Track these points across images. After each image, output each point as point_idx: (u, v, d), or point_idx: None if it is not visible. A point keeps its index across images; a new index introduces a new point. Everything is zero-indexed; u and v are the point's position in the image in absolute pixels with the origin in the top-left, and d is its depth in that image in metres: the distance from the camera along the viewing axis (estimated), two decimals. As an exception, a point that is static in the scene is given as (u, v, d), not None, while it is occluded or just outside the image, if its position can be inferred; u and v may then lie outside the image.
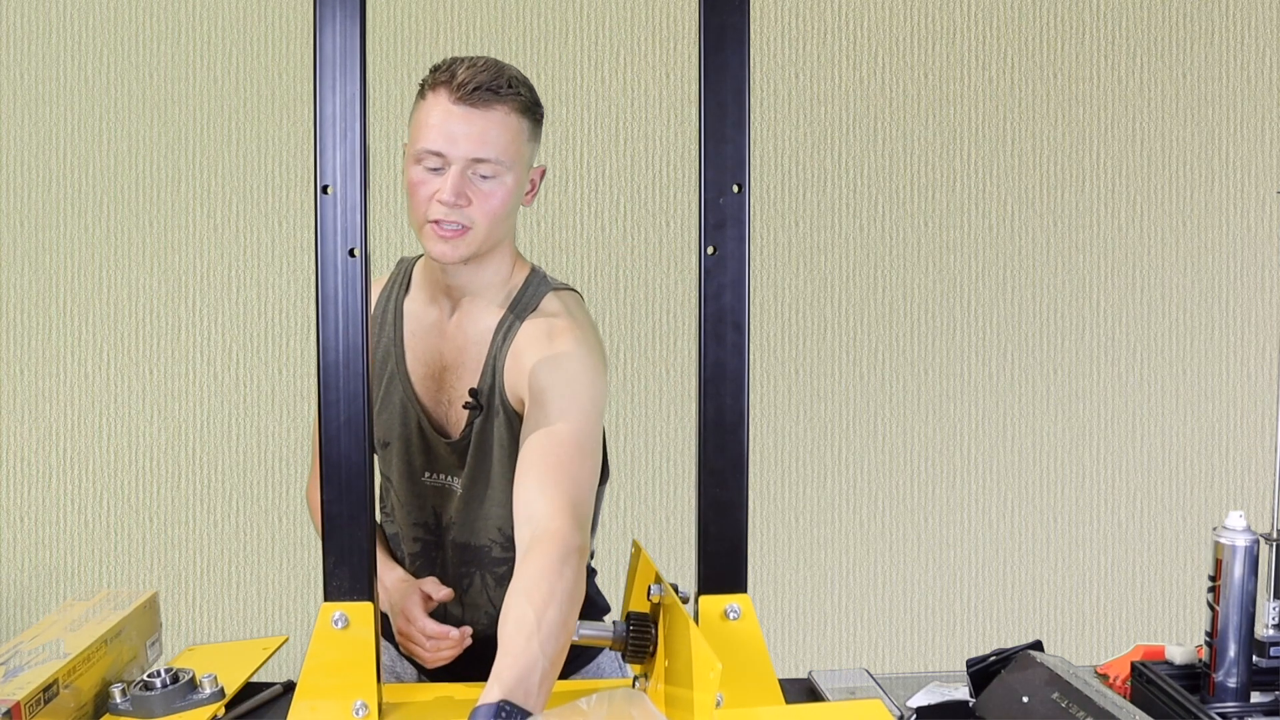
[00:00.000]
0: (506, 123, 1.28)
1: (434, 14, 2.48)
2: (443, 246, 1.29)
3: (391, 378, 1.42)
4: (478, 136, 1.26)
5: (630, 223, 2.53)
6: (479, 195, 1.28)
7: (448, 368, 1.39)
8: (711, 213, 1.15)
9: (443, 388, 1.40)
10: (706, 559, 1.18)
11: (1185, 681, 1.21)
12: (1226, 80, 2.60)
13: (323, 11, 1.09)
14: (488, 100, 1.26)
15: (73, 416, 2.49)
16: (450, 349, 1.39)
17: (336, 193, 1.10)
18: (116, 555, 2.52)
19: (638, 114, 2.52)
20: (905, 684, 1.29)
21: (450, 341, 1.39)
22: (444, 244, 1.29)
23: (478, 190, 1.28)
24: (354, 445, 1.12)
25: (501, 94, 1.27)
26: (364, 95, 1.10)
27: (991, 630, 2.64)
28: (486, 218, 1.29)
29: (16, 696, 1.07)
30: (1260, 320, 2.63)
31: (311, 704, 1.11)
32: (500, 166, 1.28)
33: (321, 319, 1.11)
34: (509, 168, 1.29)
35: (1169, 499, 2.65)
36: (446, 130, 1.26)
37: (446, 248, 1.29)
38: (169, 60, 2.47)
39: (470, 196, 1.27)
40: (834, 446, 2.59)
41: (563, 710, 1.09)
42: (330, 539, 1.12)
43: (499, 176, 1.28)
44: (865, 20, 2.55)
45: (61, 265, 2.48)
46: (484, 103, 1.26)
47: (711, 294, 1.16)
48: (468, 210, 1.28)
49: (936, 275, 2.58)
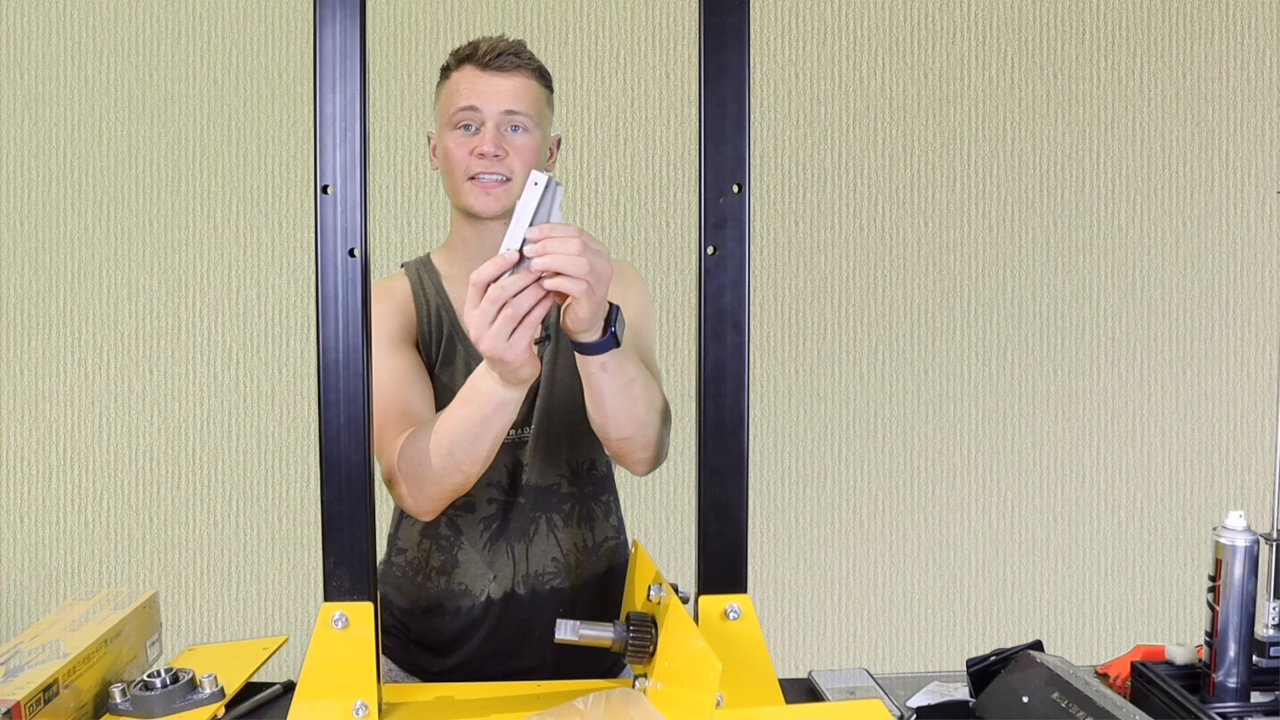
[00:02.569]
0: (529, 84, 1.40)
1: (434, 14, 2.48)
2: (485, 199, 1.38)
3: (449, 338, 1.44)
4: (507, 92, 1.37)
5: (630, 223, 2.53)
6: (514, 147, 1.38)
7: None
8: (711, 213, 1.15)
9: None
10: (706, 559, 1.18)
11: (1185, 681, 1.21)
12: (1226, 80, 2.60)
13: (323, 12, 1.09)
14: (512, 64, 1.38)
15: (73, 416, 2.49)
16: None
17: (337, 193, 1.10)
18: (116, 555, 2.52)
19: (638, 114, 2.52)
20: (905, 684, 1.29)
21: None
22: (486, 196, 1.38)
23: (512, 143, 1.38)
24: (354, 445, 1.11)
25: (522, 58, 1.39)
26: (364, 95, 1.09)
27: (991, 630, 2.64)
28: (524, 168, 1.38)
29: (16, 696, 1.07)
30: (1260, 320, 2.63)
31: (311, 704, 1.11)
32: (530, 120, 1.38)
33: (321, 319, 1.11)
34: (536, 123, 1.40)
35: (1169, 499, 2.65)
36: (478, 89, 1.37)
37: (490, 199, 1.38)
38: (169, 60, 2.47)
39: (507, 148, 1.37)
40: (834, 446, 2.59)
41: (560, 710, 1.09)
42: (330, 539, 1.12)
43: (530, 130, 1.39)
44: (865, 20, 2.55)
45: (61, 265, 2.48)
46: (510, 67, 1.38)
47: (711, 294, 1.16)
48: (506, 161, 1.37)
49: (937, 275, 2.58)
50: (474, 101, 1.36)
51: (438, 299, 1.46)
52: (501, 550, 1.44)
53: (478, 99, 1.36)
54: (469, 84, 1.37)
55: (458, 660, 1.48)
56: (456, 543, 1.47)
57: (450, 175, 1.40)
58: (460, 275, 1.47)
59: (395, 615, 1.53)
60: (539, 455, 1.44)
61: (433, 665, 1.50)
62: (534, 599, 1.45)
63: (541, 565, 1.45)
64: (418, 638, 1.51)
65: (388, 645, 1.54)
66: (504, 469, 1.45)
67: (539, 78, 1.42)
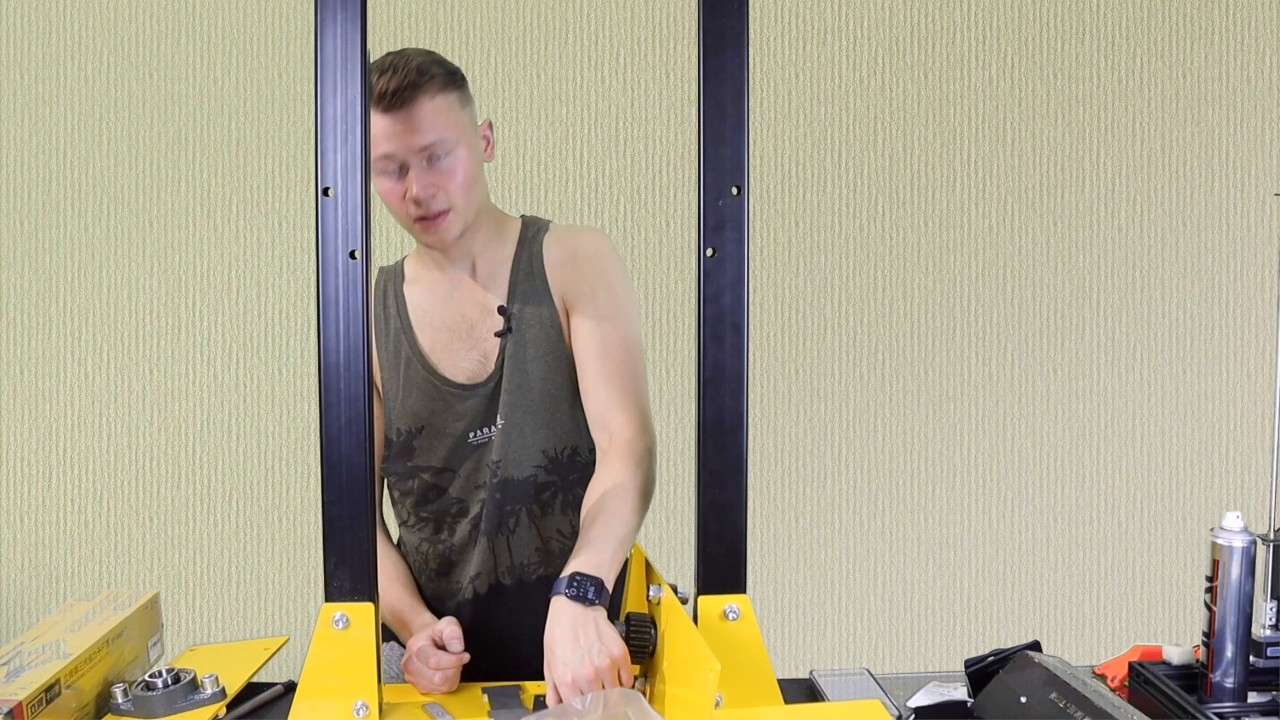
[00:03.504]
0: (435, 106, 1.33)
1: (434, 14, 2.48)
2: (433, 236, 1.38)
3: (409, 363, 1.45)
4: (418, 128, 1.32)
5: (630, 223, 2.53)
6: (443, 177, 1.35)
7: (475, 323, 1.44)
8: (711, 215, 1.15)
9: (474, 343, 1.44)
10: (706, 560, 1.18)
11: (1183, 682, 1.21)
12: (1226, 80, 2.60)
13: (324, 14, 1.09)
14: (409, 98, 1.32)
15: (73, 416, 2.50)
16: (473, 303, 1.45)
17: (337, 195, 1.11)
18: (117, 555, 2.52)
19: (638, 114, 2.52)
20: (905, 684, 1.30)
21: (471, 296, 1.45)
22: (435, 233, 1.38)
23: (440, 172, 1.35)
24: (355, 447, 1.12)
25: (419, 86, 1.32)
26: (365, 98, 1.10)
27: (990, 630, 2.65)
28: (461, 191, 1.36)
29: (18, 697, 1.07)
30: (1260, 320, 2.63)
31: (312, 704, 1.11)
32: (448, 143, 1.34)
33: (322, 321, 1.11)
34: (457, 140, 1.35)
35: (1168, 499, 2.65)
36: (387, 134, 1.32)
37: (437, 235, 1.38)
38: (169, 60, 2.47)
39: (436, 182, 1.35)
40: (834, 446, 2.60)
41: (559, 710, 1.09)
42: (331, 540, 1.12)
43: (452, 152, 1.35)
44: (865, 20, 2.55)
45: (61, 265, 2.48)
46: (408, 102, 1.32)
47: (711, 296, 1.16)
48: (440, 195, 1.35)
49: (936, 275, 2.59)
50: (387, 149, 1.32)
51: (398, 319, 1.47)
52: (484, 545, 1.45)
53: (390, 145, 1.32)
54: (378, 129, 1.32)
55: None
56: (447, 542, 1.48)
57: (396, 216, 1.39)
58: (425, 280, 1.48)
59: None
60: (511, 449, 1.43)
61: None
62: (521, 590, 1.45)
63: (525, 556, 1.45)
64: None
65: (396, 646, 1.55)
66: (483, 467, 1.45)
67: (444, 88, 1.35)
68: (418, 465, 1.47)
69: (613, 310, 1.41)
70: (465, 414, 1.43)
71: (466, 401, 1.43)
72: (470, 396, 1.43)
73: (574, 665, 1.11)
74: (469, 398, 1.43)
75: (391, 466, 1.49)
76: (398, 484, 1.50)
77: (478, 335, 1.44)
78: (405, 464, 1.47)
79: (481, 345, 1.44)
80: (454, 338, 1.45)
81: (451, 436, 1.44)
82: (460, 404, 1.43)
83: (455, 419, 1.44)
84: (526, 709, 1.21)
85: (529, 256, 1.45)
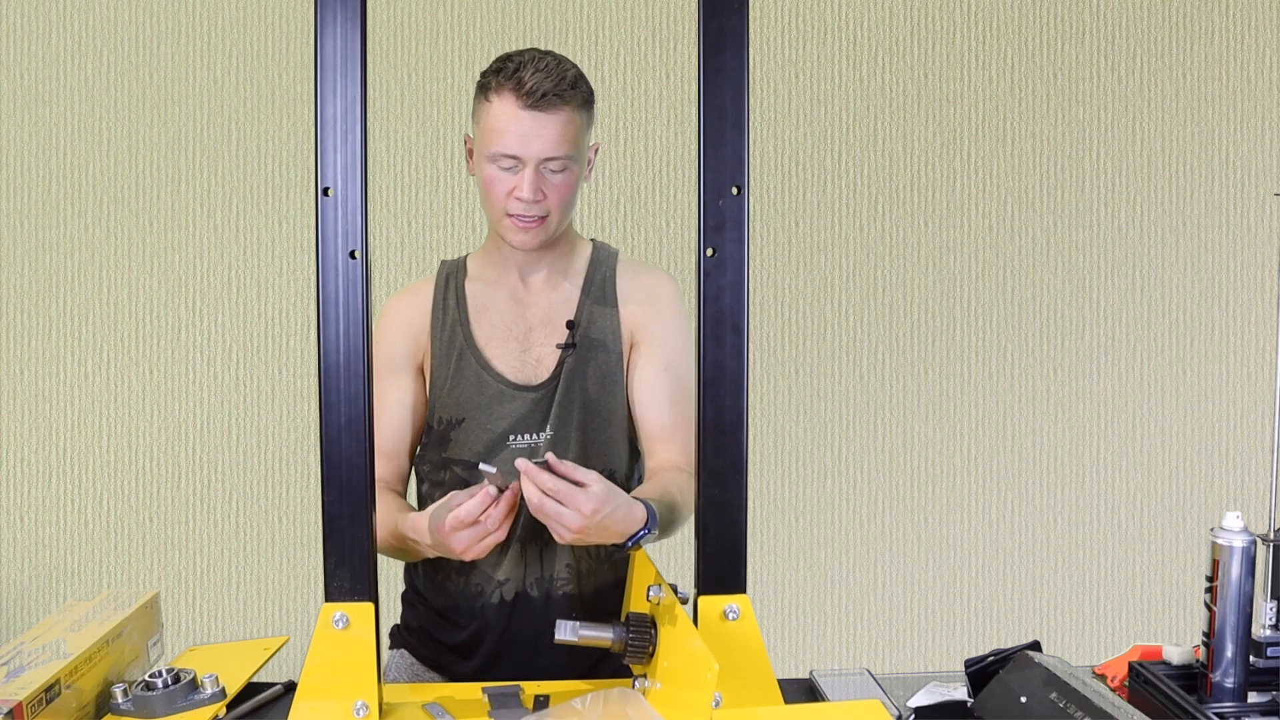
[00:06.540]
0: (572, 121, 1.37)
1: (434, 14, 2.48)
2: (523, 236, 1.42)
3: (461, 354, 1.47)
4: (548, 138, 1.36)
5: (630, 223, 2.53)
6: (552, 188, 1.39)
7: (533, 327, 1.47)
8: (711, 215, 1.15)
9: (529, 346, 1.47)
10: (706, 560, 1.18)
11: (1182, 682, 1.21)
12: (1226, 80, 2.60)
13: (324, 14, 1.09)
14: (554, 104, 1.35)
15: (73, 416, 2.50)
16: (536, 310, 1.48)
17: (337, 195, 1.11)
18: (117, 555, 2.52)
19: (638, 114, 2.52)
20: (905, 684, 1.30)
21: (535, 303, 1.48)
22: (524, 234, 1.41)
23: (550, 184, 1.39)
24: (355, 446, 1.12)
25: (565, 96, 1.36)
26: (365, 98, 1.10)
27: (990, 630, 2.65)
28: (560, 206, 1.41)
29: (19, 697, 1.07)
30: (1260, 320, 2.63)
31: (312, 704, 1.11)
32: (569, 160, 1.39)
33: (322, 321, 1.11)
34: (576, 160, 1.40)
35: (1168, 499, 2.65)
36: (518, 134, 1.35)
37: (526, 237, 1.42)
38: (169, 60, 2.47)
39: (545, 191, 1.39)
40: (834, 446, 2.60)
41: (558, 709, 1.09)
42: (331, 539, 1.12)
43: (568, 169, 1.40)
44: (865, 20, 2.56)
45: (61, 265, 2.48)
46: (551, 107, 1.35)
47: (711, 296, 1.16)
48: (544, 202, 1.39)
49: (936, 275, 2.59)
50: (514, 150, 1.35)
51: (456, 311, 1.49)
52: (516, 551, 1.45)
53: (518, 147, 1.35)
54: (508, 124, 1.35)
55: (478, 664, 1.48)
56: None
57: (488, 203, 1.43)
58: (489, 278, 1.51)
59: (419, 615, 1.54)
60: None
61: (455, 668, 1.51)
62: (547, 602, 1.45)
63: (555, 569, 1.46)
64: (440, 638, 1.52)
65: (412, 644, 1.55)
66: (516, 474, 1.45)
67: (581, 106, 1.39)
68: (450, 458, 1.48)
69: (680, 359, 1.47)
70: (510, 415, 1.45)
71: (513, 402, 1.45)
72: (517, 397, 1.45)
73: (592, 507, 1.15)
74: (516, 398, 1.45)
75: (426, 455, 1.50)
76: (430, 474, 1.50)
77: (534, 340, 1.47)
78: (440, 454, 1.48)
79: (536, 351, 1.46)
80: (510, 338, 1.47)
81: (491, 434, 1.45)
82: (507, 403, 1.45)
83: (499, 418, 1.45)
84: (526, 709, 1.21)
85: (601, 280, 1.49)
